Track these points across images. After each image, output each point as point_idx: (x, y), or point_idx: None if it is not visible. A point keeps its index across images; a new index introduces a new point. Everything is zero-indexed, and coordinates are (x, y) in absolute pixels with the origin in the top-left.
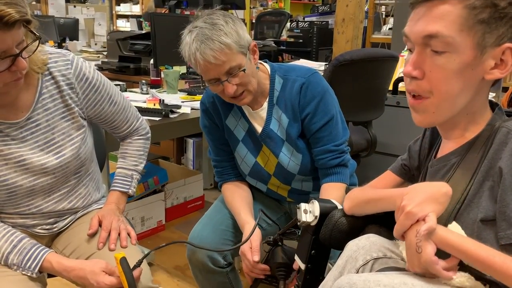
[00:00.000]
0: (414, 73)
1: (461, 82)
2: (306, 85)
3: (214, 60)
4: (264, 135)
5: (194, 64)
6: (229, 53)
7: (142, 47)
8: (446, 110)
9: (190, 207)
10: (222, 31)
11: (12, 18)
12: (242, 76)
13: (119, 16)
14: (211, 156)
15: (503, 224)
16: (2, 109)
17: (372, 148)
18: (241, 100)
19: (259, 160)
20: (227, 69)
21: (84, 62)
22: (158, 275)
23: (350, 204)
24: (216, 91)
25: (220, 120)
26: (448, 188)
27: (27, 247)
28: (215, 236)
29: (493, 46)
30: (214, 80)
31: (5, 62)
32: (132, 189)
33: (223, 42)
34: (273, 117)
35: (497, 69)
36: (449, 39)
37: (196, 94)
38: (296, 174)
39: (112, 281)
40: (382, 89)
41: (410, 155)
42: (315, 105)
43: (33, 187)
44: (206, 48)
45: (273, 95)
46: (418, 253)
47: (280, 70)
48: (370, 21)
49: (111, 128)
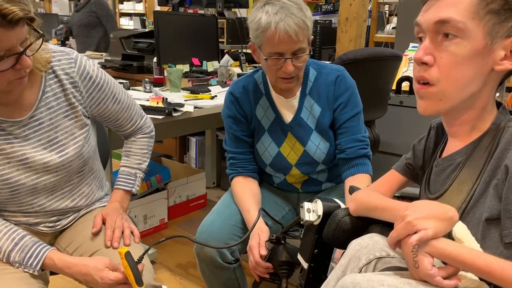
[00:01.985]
0: (425, 58)
1: (470, 69)
2: (341, 77)
3: (294, 35)
4: (294, 123)
5: (270, 33)
6: (306, 34)
7: (145, 45)
8: (452, 97)
9: (193, 206)
10: (304, 13)
11: (16, 16)
12: (303, 60)
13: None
14: (228, 148)
15: (508, 222)
16: (6, 107)
17: (375, 147)
18: (288, 83)
19: (282, 150)
20: (297, 48)
21: (88, 61)
22: (160, 273)
23: (356, 207)
24: (273, 66)
25: (250, 109)
26: (455, 214)
27: (29, 245)
28: (224, 231)
29: (504, 37)
30: (278, 54)
31: (10, 60)
32: (135, 187)
33: (305, 22)
34: (304, 106)
35: (507, 60)
36: (461, 25)
37: (199, 92)
38: (320, 163)
39: (117, 276)
40: (386, 88)
41: (415, 154)
42: (348, 96)
43: (36, 185)
44: (291, 21)
45: (307, 85)
46: (416, 268)
47: (314, 64)
48: (373, 20)
49: (115, 126)
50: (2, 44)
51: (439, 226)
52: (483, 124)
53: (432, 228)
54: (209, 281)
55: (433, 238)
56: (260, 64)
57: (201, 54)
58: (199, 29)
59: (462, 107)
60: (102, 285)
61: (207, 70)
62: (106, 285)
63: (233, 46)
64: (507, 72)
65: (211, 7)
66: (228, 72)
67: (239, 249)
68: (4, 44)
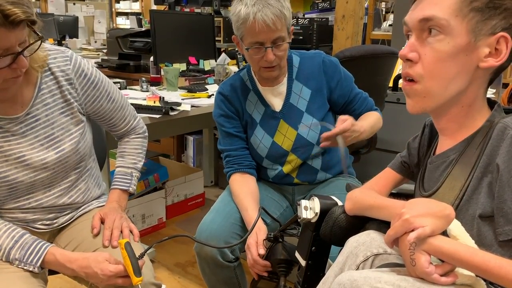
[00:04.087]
0: (410, 55)
1: (454, 66)
2: (326, 58)
3: (272, 24)
4: (284, 109)
5: (249, 23)
6: (283, 23)
7: (142, 44)
8: (437, 95)
9: (191, 205)
10: (281, 3)
11: (18, 17)
12: (284, 48)
13: (118, 14)
14: (223, 147)
15: (501, 220)
16: (2, 104)
17: (373, 144)
18: (271, 71)
19: (276, 139)
20: (276, 36)
21: (82, 59)
22: (159, 272)
23: (352, 206)
24: (254, 56)
25: (240, 106)
26: (452, 212)
27: (29, 242)
28: (225, 230)
29: (488, 34)
30: (259, 44)
31: (7, 59)
32: (132, 186)
33: (283, 12)
34: (293, 91)
35: (492, 58)
36: (444, 22)
37: (196, 91)
38: (315, 145)
39: (117, 268)
40: (382, 85)
41: (410, 152)
42: (340, 72)
43: (34, 182)
44: (268, 11)
45: (292, 71)
46: (413, 266)
47: (295, 52)
48: (370, 17)
49: (109, 125)
50: (1, 43)
51: (436, 224)
52: (473, 122)
53: (430, 225)
54: (209, 279)
55: (431, 235)
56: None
57: (198, 53)
58: (195, 27)
59: (449, 105)
60: (102, 277)
61: (204, 68)
62: (105, 277)
63: (230, 45)
64: (496, 70)
65: (207, 5)
66: (225, 71)
67: (239, 248)
68: (3, 44)
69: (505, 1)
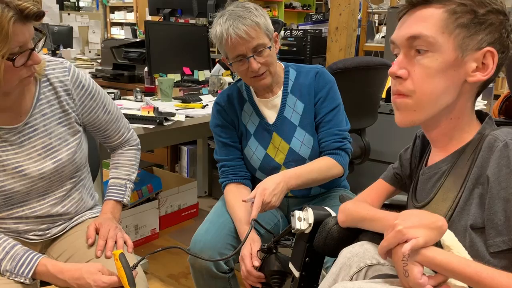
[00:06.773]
0: (399, 72)
1: (443, 81)
2: (320, 73)
3: (245, 35)
4: (278, 122)
5: (225, 41)
6: (258, 31)
7: (137, 55)
8: (427, 108)
9: (184, 215)
10: (253, 13)
11: (31, 11)
12: (267, 55)
13: (113, 24)
14: (219, 157)
15: (492, 232)
16: (1, 113)
17: (366, 155)
18: (262, 79)
19: (269, 151)
20: (255, 45)
21: (80, 71)
22: (152, 283)
23: (344, 218)
24: (241, 69)
25: (236, 116)
26: (444, 223)
27: (20, 253)
28: (219, 241)
29: (474, 49)
30: (241, 57)
31: (24, 56)
32: (126, 197)
33: (254, 20)
34: (287, 104)
35: (479, 72)
36: (431, 39)
37: (191, 101)
38: (307, 159)
39: (110, 279)
40: (375, 97)
41: (402, 164)
42: (327, 90)
43: (30, 191)
44: (239, 23)
45: (288, 84)
46: (406, 277)
47: (293, 66)
48: (363, 29)
49: (103, 137)
50: (18, 38)
51: (429, 235)
52: (462, 134)
53: (423, 237)
54: None
55: (424, 246)
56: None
57: (192, 64)
58: (190, 38)
59: (438, 118)
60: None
61: (198, 79)
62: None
63: None
64: (482, 83)
65: (202, 16)
66: (219, 81)
67: (233, 258)
68: (20, 39)
69: (489, 17)
